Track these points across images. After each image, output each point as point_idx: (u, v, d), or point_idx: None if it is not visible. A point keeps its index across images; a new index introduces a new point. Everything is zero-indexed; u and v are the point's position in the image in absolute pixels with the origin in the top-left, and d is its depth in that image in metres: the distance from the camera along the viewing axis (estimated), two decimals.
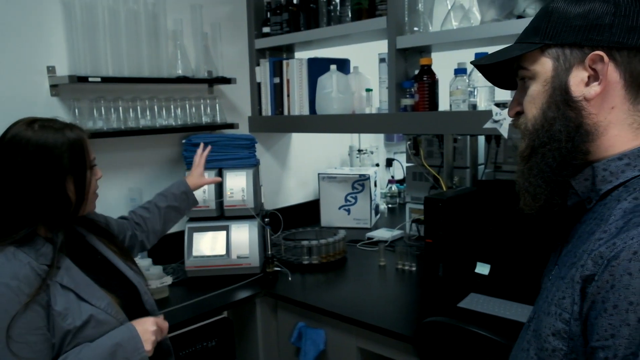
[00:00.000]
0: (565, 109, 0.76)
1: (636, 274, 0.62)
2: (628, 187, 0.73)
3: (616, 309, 0.63)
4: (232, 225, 2.05)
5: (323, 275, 2.06)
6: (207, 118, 2.26)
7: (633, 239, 0.64)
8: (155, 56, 2.06)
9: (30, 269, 1.07)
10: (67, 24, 1.86)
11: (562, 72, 0.76)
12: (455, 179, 2.28)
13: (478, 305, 1.63)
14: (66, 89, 1.90)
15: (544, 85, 0.78)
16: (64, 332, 1.07)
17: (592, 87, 0.74)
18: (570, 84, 0.76)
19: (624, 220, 0.69)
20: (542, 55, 0.78)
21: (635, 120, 0.75)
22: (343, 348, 1.74)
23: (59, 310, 1.07)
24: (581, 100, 0.75)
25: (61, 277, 1.11)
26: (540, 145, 0.78)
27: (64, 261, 1.14)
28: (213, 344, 1.77)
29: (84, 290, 1.13)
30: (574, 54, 0.75)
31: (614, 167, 0.75)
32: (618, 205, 0.71)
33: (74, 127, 1.19)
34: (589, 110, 0.75)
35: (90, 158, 1.21)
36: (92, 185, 1.21)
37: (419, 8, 1.92)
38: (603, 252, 0.67)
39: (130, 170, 2.13)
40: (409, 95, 1.95)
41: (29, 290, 1.04)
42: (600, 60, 0.73)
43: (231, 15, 2.43)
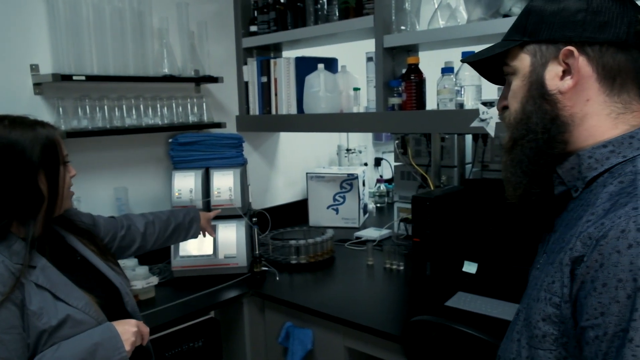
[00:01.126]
0: (542, 102, 0.80)
1: (624, 251, 0.63)
2: (613, 173, 0.75)
3: (605, 287, 0.64)
4: (219, 224, 2.04)
5: (311, 275, 2.06)
6: (194, 117, 2.25)
7: (620, 218, 0.66)
8: (141, 54, 2.04)
9: (4, 268, 1.05)
10: (50, 21, 1.84)
11: (538, 67, 0.80)
12: (443, 177, 2.28)
13: (465, 304, 1.64)
14: (50, 87, 1.87)
15: (523, 80, 0.82)
16: (39, 331, 1.06)
17: (566, 81, 0.78)
18: (546, 78, 0.79)
19: (610, 202, 0.70)
20: (521, 51, 0.82)
21: (612, 110, 0.77)
22: (331, 348, 1.73)
23: (33, 309, 1.06)
24: (556, 93, 0.79)
25: (36, 277, 1.10)
26: (520, 137, 0.82)
27: (40, 261, 1.13)
28: (200, 345, 1.76)
29: (61, 290, 1.12)
30: (549, 50, 0.79)
31: (599, 154, 0.77)
32: (604, 190, 0.73)
33: (46, 124, 1.18)
34: (564, 103, 0.78)
35: (63, 155, 1.19)
36: (65, 181, 1.20)
37: (406, 7, 1.92)
38: (592, 232, 0.68)
39: (116, 170, 2.11)
40: (397, 94, 1.95)
41: (3, 289, 1.03)
42: (572, 55, 0.76)
43: (218, 14, 2.41)
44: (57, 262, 1.17)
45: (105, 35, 1.93)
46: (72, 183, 1.24)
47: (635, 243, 0.63)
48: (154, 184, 2.24)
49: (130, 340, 1.14)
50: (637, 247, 0.62)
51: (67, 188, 1.21)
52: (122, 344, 1.12)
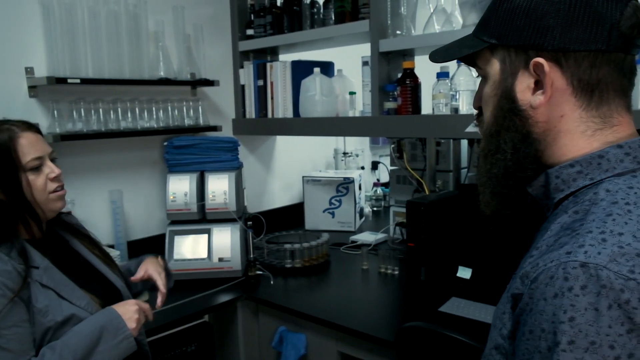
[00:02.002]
0: (512, 117, 0.71)
1: (550, 300, 0.59)
2: (577, 197, 0.69)
3: (532, 334, 0.61)
4: (213, 228, 2.04)
5: (305, 279, 2.05)
6: (190, 120, 2.25)
7: (552, 262, 0.60)
8: (137, 58, 2.03)
9: (12, 267, 1.08)
10: (45, 24, 1.84)
11: (508, 77, 0.71)
12: (439, 182, 2.28)
13: (459, 310, 1.63)
14: (45, 90, 1.87)
15: (494, 89, 0.74)
16: (44, 328, 1.09)
17: (537, 96, 0.69)
18: (517, 90, 0.71)
19: (555, 237, 0.65)
20: (491, 55, 0.73)
21: (588, 127, 0.69)
22: (324, 353, 1.73)
23: (39, 307, 1.09)
24: (527, 108, 0.70)
25: (40, 277, 1.12)
26: (490, 152, 0.75)
27: (43, 262, 1.15)
28: (193, 349, 1.75)
29: (64, 290, 1.15)
30: (519, 57, 0.70)
31: (566, 174, 0.70)
32: (558, 219, 0.68)
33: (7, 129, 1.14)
34: (536, 119, 0.70)
35: (24, 160, 1.14)
36: (34, 185, 1.15)
37: (401, 11, 1.92)
38: (528, 272, 0.63)
39: (111, 173, 2.10)
40: (392, 99, 1.95)
41: (12, 286, 1.06)
42: (542, 69, 0.68)
43: (214, 17, 2.41)
44: (59, 264, 1.19)
45: (100, 38, 1.93)
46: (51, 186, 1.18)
47: (560, 293, 0.58)
48: (149, 187, 2.23)
49: (133, 318, 1.17)
50: (562, 298, 0.57)
51: (41, 191, 1.17)
52: (125, 324, 1.14)
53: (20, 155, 1.13)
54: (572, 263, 0.58)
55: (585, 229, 0.62)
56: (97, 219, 2.01)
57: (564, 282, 0.58)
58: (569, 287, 0.57)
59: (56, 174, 1.19)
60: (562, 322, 0.57)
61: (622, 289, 0.55)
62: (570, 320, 0.57)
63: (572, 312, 0.56)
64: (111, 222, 2.07)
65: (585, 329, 0.56)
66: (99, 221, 2.02)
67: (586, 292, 0.56)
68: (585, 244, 0.59)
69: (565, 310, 0.57)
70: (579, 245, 0.60)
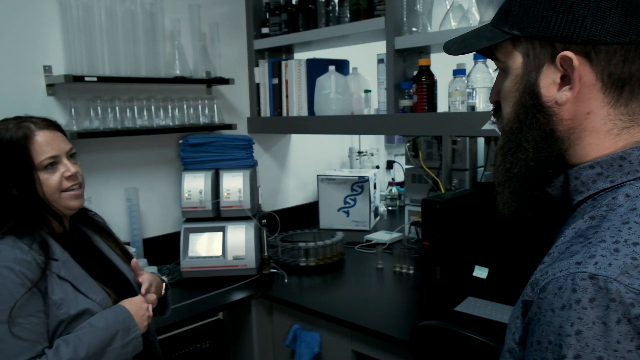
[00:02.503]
0: (535, 113, 0.67)
1: (557, 312, 0.57)
2: (595, 201, 0.66)
3: (539, 345, 0.59)
4: (228, 226, 2.04)
5: (320, 278, 2.04)
6: (205, 119, 2.25)
7: (562, 272, 0.58)
8: (153, 56, 2.05)
9: (32, 258, 1.10)
10: (63, 23, 1.86)
11: (531, 71, 0.67)
12: (455, 181, 2.26)
13: (475, 309, 1.61)
14: (62, 88, 1.89)
15: (515, 84, 0.69)
16: (58, 321, 1.10)
17: (564, 92, 0.65)
18: (541, 85, 0.66)
19: (567, 244, 0.63)
20: (513, 48, 0.69)
21: (615, 125, 0.65)
22: (338, 351, 1.72)
23: (54, 299, 1.10)
24: (552, 104, 0.66)
25: (58, 269, 1.14)
26: (510, 150, 0.71)
27: (63, 255, 1.17)
28: (207, 346, 1.76)
29: (81, 283, 1.16)
30: (544, 50, 0.66)
31: (585, 176, 0.67)
32: (574, 224, 0.65)
33: (25, 127, 1.15)
34: (561, 116, 0.66)
35: (38, 159, 1.14)
36: (48, 185, 1.16)
37: (417, 8, 1.90)
38: (538, 279, 0.61)
39: (127, 170, 2.12)
40: (408, 96, 1.94)
41: (32, 276, 1.08)
42: (571, 64, 0.63)
43: (229, 16, 2.42)
44: (80, 258, 1.21)
45: (117, 36, 1.94)
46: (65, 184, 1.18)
47: (568, 305, 0.56)
48: (164, 184, 2.25)
49: (145, 316, 1.20)
50: (569, 310, 0.56)
51: (54, 190, 1.16)
52: (135, 323, 1.17)
53: (34, 153, 1.13)
54: (581, 274, 0.56)
55: (598, 237, 0.60)
56: (113, 216, 2.02)
57: (572, 293, 0.56)
58: (577, 299, 0.56)
59: (71, 173, 1.18)
60: (569, 335, 0.55)
61: (632, 303, 0.53)
62: (577, 333, 0.55)
63: (580, 326, 0.55)
64: (127, 220, 2.09)
65: (592, 343, 0.54)
66: (115, 218, 2.03)
67: (594, 305, 0.55)
68: (596, 255, 0.57)
69: (572, 323, 0.55)
70: (589, 255, 0.58)
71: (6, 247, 1.09)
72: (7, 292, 1.05)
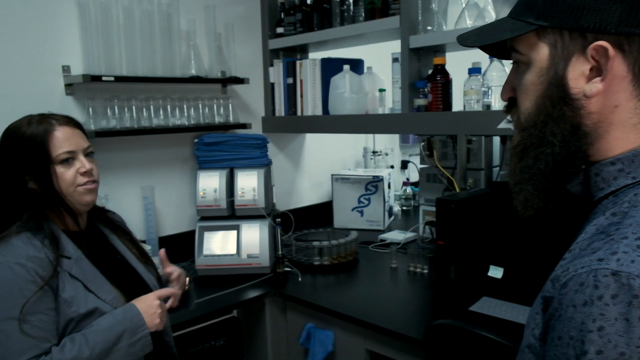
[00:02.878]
0: (562, 106, 0.65)
1: (579, 308, 0.57)
2: (617, 197, 0.65)
3: (560, 340, 0.59)
4: (242, 224, 2.05)
5: (334, 277, 2.05)
6: (220, 118, 2.27)
7: (583, 268, 0.58)
8: (169, 56, 2.07)
9: (44, 255, 1.11)
10: (82, 23, 1.88)
11: (559, 63, 0.65)
12: (470, 180, 2.24)
13: (490, 309, 1.60)
14: (80, 88, 1.92)
15: (539, 76, 0.67)
16: (67, 319, 1.11)
17: (594, 84, 0.64)
18: (569, 77, 0.65)
19: (589, 241, 0.62)
20: (537, 39, 0.67)
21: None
22: (351, 350, 1.72)
23: (65, 297, 1.11)
24: (580, 98, 0.65)
25: (70, 267, 1.15)
26: (532, 145, 0.69)
27: (76, 253, 1.18)
28: (221, 343, 1.77)
29: (92, 282, 1.17)
30: (573, 41, 0.64)
31: (606, 172, 0.66)
32: (595, 220, 0.65)
33: (47, 122, 1.18)
34: (589, 109, 0.65)
35: (55, 152, 1.17)
36: (63, 179, 1.18)
37: (432, 7, 1.90)
38: (559, 275, 0.61)
39: (143, 169, 2.14)
40: (422, 95, 1.93)
41: (43, 274, 1.09)
42: (605, 54, 0.62)
43: (244, 16, 2.43)
44: (94, 257, 1.22)
45: (134, 37, 1.97)
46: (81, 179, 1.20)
47: (590, 301, 0.56)
48: (180, 183, 2.27)
49: (156, 313, 1.18)
50: (591, 306, 0.56)
51: (69, 184, 1.19)
52: (144, 322, 1.15)
53: (52, 147, 1.16)
54: (603, 271, 0.56)
55: (620, 234, 0.59)
56: (129, 214, 2.04)
57: (594, 290, 0.56)
58: (599, 295, 0.56)
59: (86, 169, 1.20)
60: (591, 331, 0.55)
61: None
62: (599, 329, 0.55)
63: (602, 322, 0.55)
64: (143, 218, 2.11)
65: (614, 339, 0.54)
66: (131, 216, 2.04)
67: (617, 301, 0.55)
68: (618, 251, 0.57)
69: (594, 319, 0.55)
70: (612, 252, 0.58)
71: (20, 243, 1.10)
72: (18, 289, 1.06)
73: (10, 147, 1.16)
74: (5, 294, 1.05)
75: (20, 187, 1.16)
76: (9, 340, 1.04)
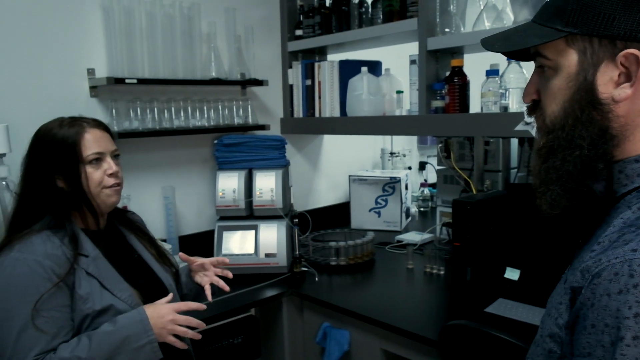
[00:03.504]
0: (590, 110, 0.68)
1: (614, 296, 0.60)
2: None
3: (594, 328, 0.62)
4: (260, 224, 2.08)
5: (350, 277, 2.06)
6: (240, 119, 2.31)
7: (617, 258, 0.61)
8: (190, 58, 2.11)
9: (62, 252, 1.14)
10: (106, 28, 1.94)
11: (588, 68, 0.67)
12: (487, 182, 2.24)
13: (506, 311, 1.60)
14: (104, 90, 1.97)
15: (568, 82, 0.69)
16: (83, 315, 1.14)
17: (623, 89, 0.66)
18: (598, 83, 0.67)
19: (618, 233, 0.65)
20: (566, 45, 0.69)
21: None
22: (367, 349, 1.73)
23: (81, 294, 1.14)
24: (609, 102, 0.67)
25: (87, 265, 1.18)
26: (560, 147, 0.71)
27: (94, 251, 1.21)
28: (239, 341, 1.80)
29: (108, 280, 1.19)
30: (603, 48, 0.66)
31: (630, 169, 0.69)
32: (622, 214, 0.67)
33: (78, 125, 1.22)
34: (616, 113, 0.67)
35: (85, 153, 1.21)
36: (92, 179, 1.22)
37: (450, 9, 1.90)
38: (590, 266, 0.64)
39: (164, 169, 2.19)
40: (439, 97, 1.94)
41: (59, 271, 1.12)
42: (635, 61, 0.64)
43: (264, 19, 2.46)
44: (111, 256, 1.25)
45: (156, 40, 2.01)
46: (108, 181, 1.24)
47: (625, 289, 0.59)
48: (199, 183, 2.31)
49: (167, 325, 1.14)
50: (627, 294, 0.59)
51: (97, 184, 1.23)
52: (150, 327, 1.13)
53: (82, 148, 1.21)
54: (638, 260, 0.59)
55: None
56: (150, 214, 2.10)
57: (630, 279, 0.59)
58: (635, 284, 0.59)
59: (113, 171, 1.25)
60: (627, 317, 0.58)
61: None
62: (636, 316, 0.58)
63: (638, 309, 0.58)
64: (164, 217, 2.16)
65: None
66: (152, 216, 2.10)
67: None
68: None
69: (630, 307, 0.58)
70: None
71: (39, 241, 1.14)
72: (33, 285, 1.09)
73: (42, 148, 1.21)
74: (21, 290, 1.09)
75: (49, 185, 1.20)
76: (21, 335, 1.06)
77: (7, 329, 1.07)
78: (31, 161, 1.22)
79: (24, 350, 1.06)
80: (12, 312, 1.08)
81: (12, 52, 1.76)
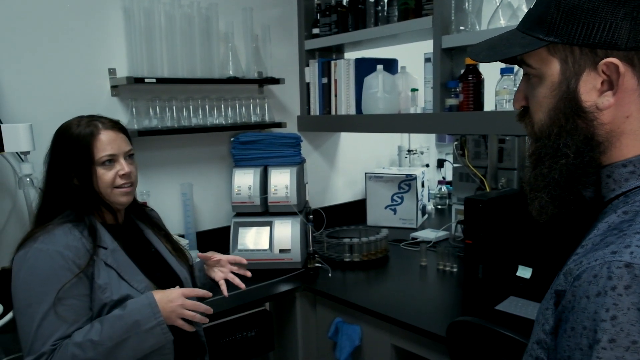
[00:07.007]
0: (575, 119, 0.68)
1: (592, 299, 0.59)
2: (627, 198, 0.68)
3: (573, 331, 0.61)
4: (275, 221, 2.12)
5: (363, 273, 2.08)
6: (257, 117, 2.34)
7: (597, 261, 0.61)
8: (208, 58, 2.16)
9: (82, 244, 1.20)
10: (127, 28, 1.99)
11: (570, 77, 0.68)
12: (502, 180, 2.23)
13: (517, 309, 1.60)
14: (125, 89, 2.03)
15: (552, 90, 0.70)
16: (101, 304, 1.19)
17: (606, 97, 0.66)
18: (581, 91, 0.67)
19: (602, 237, 0.65)
20: (548, 54, 0.69)
21: None
22: (378, 345, 1.75)
23: (100, 283, 1.19)
24: (593, 110, 0.67)
25: (106, 256, 1.23)
26: (547, 155, 0.72)
27: (112, 244, 1.26)
28: (253, 334, 1.84)
29: (125, 271, 1.24)
30: (584, 57, 0.66)
31: (617, 174, 0.69)
32: (607, 218, 0.67)
33: (93, 125, 1.25)
34: (601, 121, 0.67)
35: (98, 155, 1.24)
36: (103, 178, 1.25)
37: (466, 7, 1.90)
38: (572, 269, 0.64)
39: (182, 166, 2.24)
40: (454, 95, 1.94)
41: (79, 262, 1.17)
42: (616, 70, 0.65)
43: (281, 18, 2.49)
44: (129, 249, 1.29)
45: (175, 40, 2.06)
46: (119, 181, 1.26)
47: (603, 291, 0.58)
48: (216, 180, 2.36)
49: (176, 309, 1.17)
50: (604, 297, 0.58)
51: (107, 185, 1.26)
52: (158, 310, 1.16)
53: (95, 149, 1.24)
54: (617, 263, 0.59)
55: (633, 229, 0.62)
56: (169, 209, 2.15)
57: (608, 281, 0.58)
58: (613, 286, 0.58)
59: (125, 172, 1.27)
60: (604, 320, 0.58)
61: None
62: (613, 318, 0.57)
63: (615, 311, 0.57)
64: (182, 213, 2.21)
65: (627, 328, 0.57)
66: (170, 212, 2.16)
67: (630, 292, 0.57)
68: (631, 245, 0.60)
69: (607, 309, 0.58)
70: (625, 245, 0.60)
71: (61, 233, 1.19)
72: (54, 274, 1.14)
73: (60, 145, 1.26)
74: (43, 279, 1.14)
75: (66, 183, 1.25)
76: (43, 322, 1.12)
77: (30, 315, 1.13)
78: (51, 159, 1.27)
79: (45, 336, 1.12)
80: (36, 300, 1.13)
81: (37, 53, 1.82)
